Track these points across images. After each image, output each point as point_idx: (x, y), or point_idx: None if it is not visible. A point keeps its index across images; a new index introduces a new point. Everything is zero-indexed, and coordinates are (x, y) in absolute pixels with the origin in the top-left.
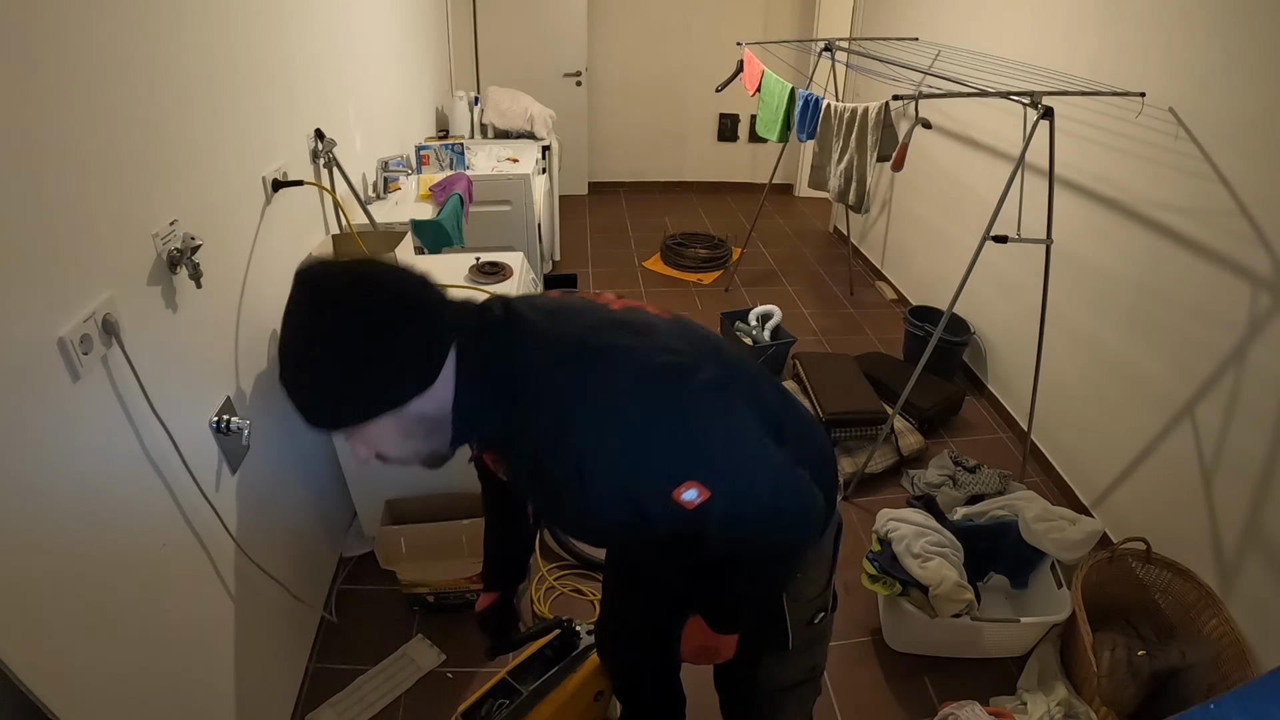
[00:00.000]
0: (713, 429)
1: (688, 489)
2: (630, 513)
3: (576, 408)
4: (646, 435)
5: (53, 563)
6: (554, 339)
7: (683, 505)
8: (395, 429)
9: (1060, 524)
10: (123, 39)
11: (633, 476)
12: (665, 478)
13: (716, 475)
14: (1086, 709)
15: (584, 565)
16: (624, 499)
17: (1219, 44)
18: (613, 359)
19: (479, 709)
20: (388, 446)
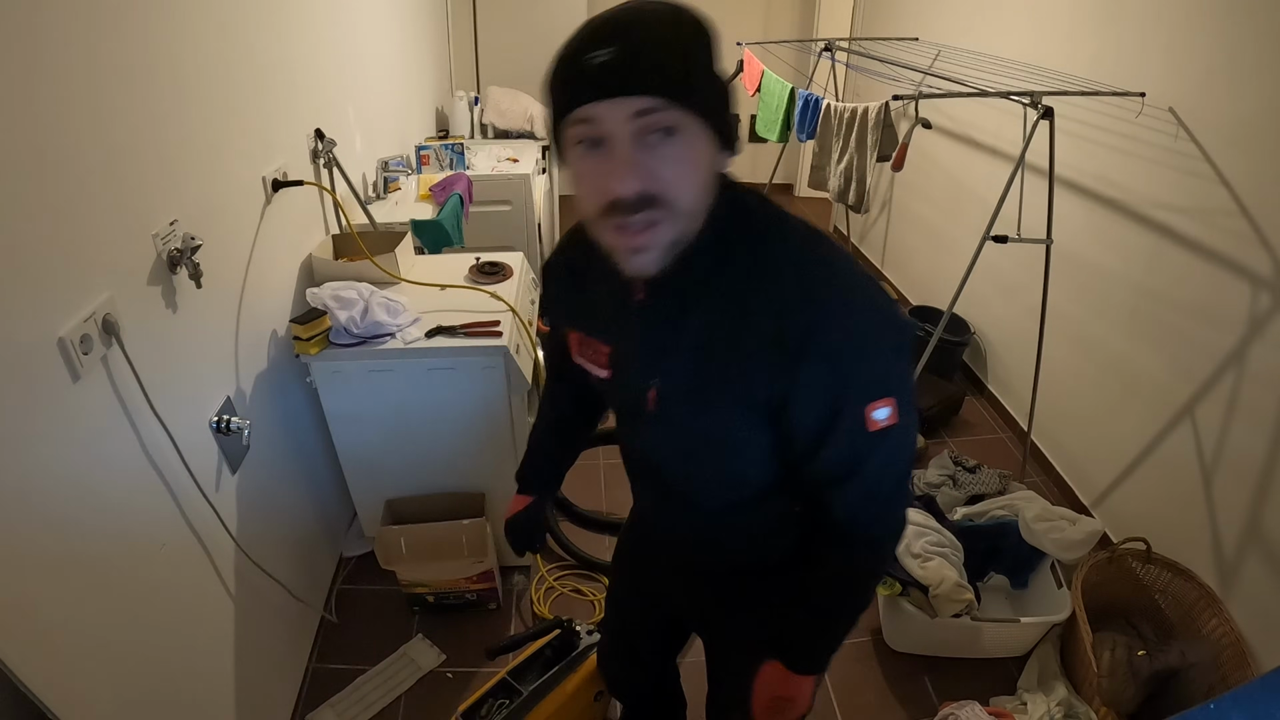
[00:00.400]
0: (911, 373)
1: (883, 406)
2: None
3: (823, 284)
4: (878, 337)
5: (52, 563)
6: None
7: (868, 423)
8: (705, 160)
9: (1060, 524)
10: (123, 39)
11: (841, 369)
12: (874, 384)
13: (906, 406)
14: (1086, 709)
15: (584, 565)
16: (812, 393)
17: (1219, 44)
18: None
19: (479, 709)
20: (684, 174)
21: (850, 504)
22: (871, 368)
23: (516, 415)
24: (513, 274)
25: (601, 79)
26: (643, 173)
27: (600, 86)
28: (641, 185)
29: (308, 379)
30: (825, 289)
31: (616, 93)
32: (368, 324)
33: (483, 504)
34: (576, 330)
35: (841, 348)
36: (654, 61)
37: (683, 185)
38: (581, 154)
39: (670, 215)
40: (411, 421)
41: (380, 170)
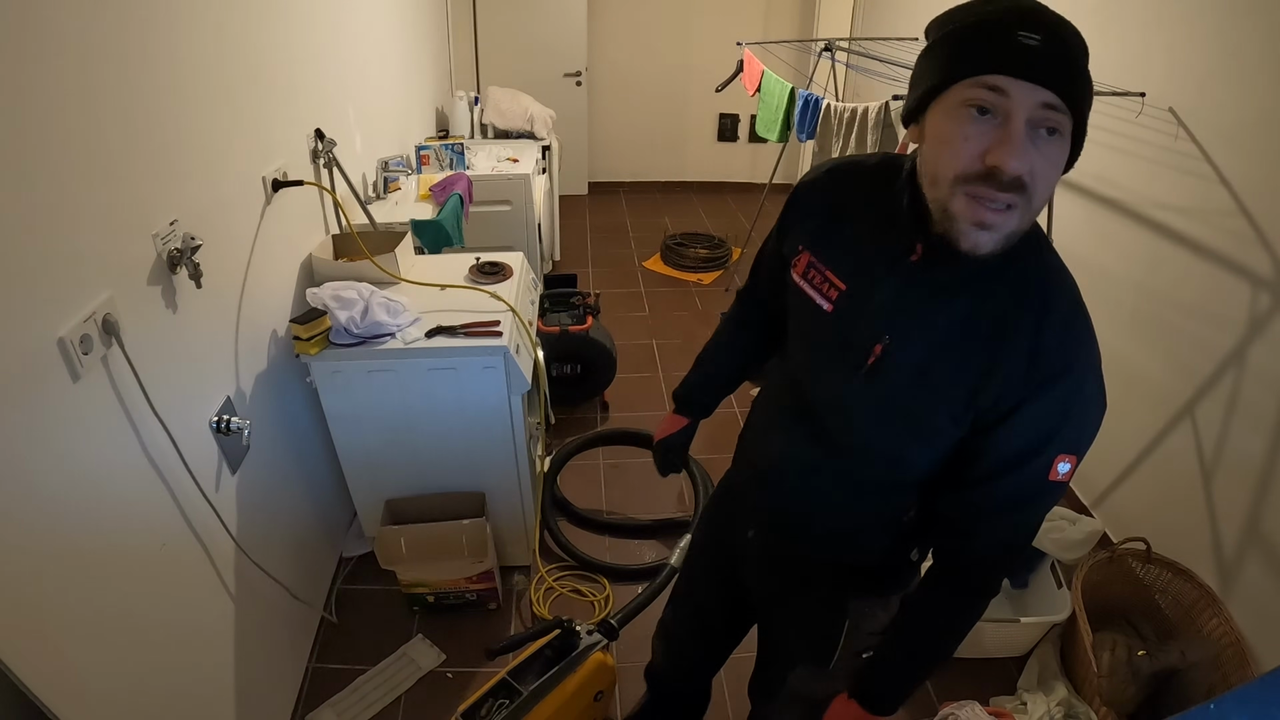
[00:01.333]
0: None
1: (1069, 462)
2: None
3: (1084, 335)
4: (1097, 404)
5: (52, 562)
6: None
7: (1049, 473)
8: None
9: (1060, 524)
10: (122, 39)
11: (1065, 415)
12: (1076, 439)
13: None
14: (1086, 709)
15: (583, 566)
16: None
17: (1219, 44)
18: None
19: (479, 709)
20: (1050, 174)
21: (999, 543)
22: (1083, 426)
23: (516, 415)
24: (513, 274)
25: (1030, 60)
26: (1028, 158)
27: (1027, 66)
28: (1026, 168)
29: (308, 379)
30: (1085, 342)
31: (1037, 79)
32: (368, 324)
33: (483, 504)
34: (813, 254)
35: (1077, 397)
36: (1073, 66)
37: (1046, 182)
38: (971, 116)
39: (1026, 206)
40: (411, 421)
41: (380, 170)
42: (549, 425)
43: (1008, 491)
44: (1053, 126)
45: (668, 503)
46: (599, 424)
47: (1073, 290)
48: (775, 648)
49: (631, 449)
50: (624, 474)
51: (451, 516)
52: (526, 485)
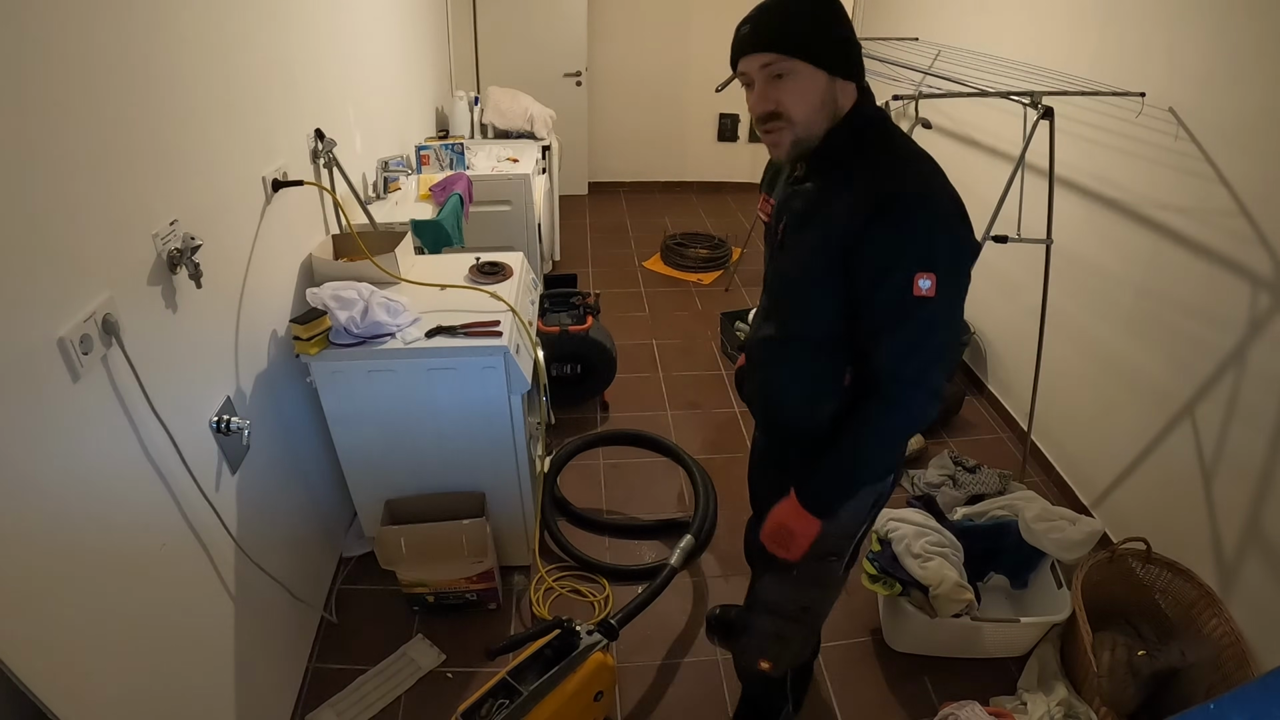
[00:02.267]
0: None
1: (926, 278)
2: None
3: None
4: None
5: (52, 562)
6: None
7: (912, 289)
8: (815, 90)
9: (1060, 524)
10: (122, 39)
11: (909, 236)
12: (925, 257)
13: (948, 290)
14: (1086, 709)
15: (583, 567)
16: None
17: (1219, 44)
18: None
19: (479, 709)
20: (795, 101)
21: (893, 354)
22: (928, 244)
23: (516, 415)
24: (513, 274)
25: (743, 43)
26: (769, 100)
27: (743, 46)
28: (766, 107)
29: (308, 379)
30: (912, 182)
31: (751, 51)
32: (368, 324)
33: (483, 504)
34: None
35: (905, 222)
36: (771, 30)
37: (795, 107)
38: (746, 90)
39: (789, 125)
40: (411, 421)
41: (380, 170)
42: (549, 425)
43: (884, 309)
44: (778, 72)
45: (668, 503)
46: (599, 424)
47: (903, 158)
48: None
49: (632, 449)
50: (624, 474)
51: (451, 516)
52: (526, 485)
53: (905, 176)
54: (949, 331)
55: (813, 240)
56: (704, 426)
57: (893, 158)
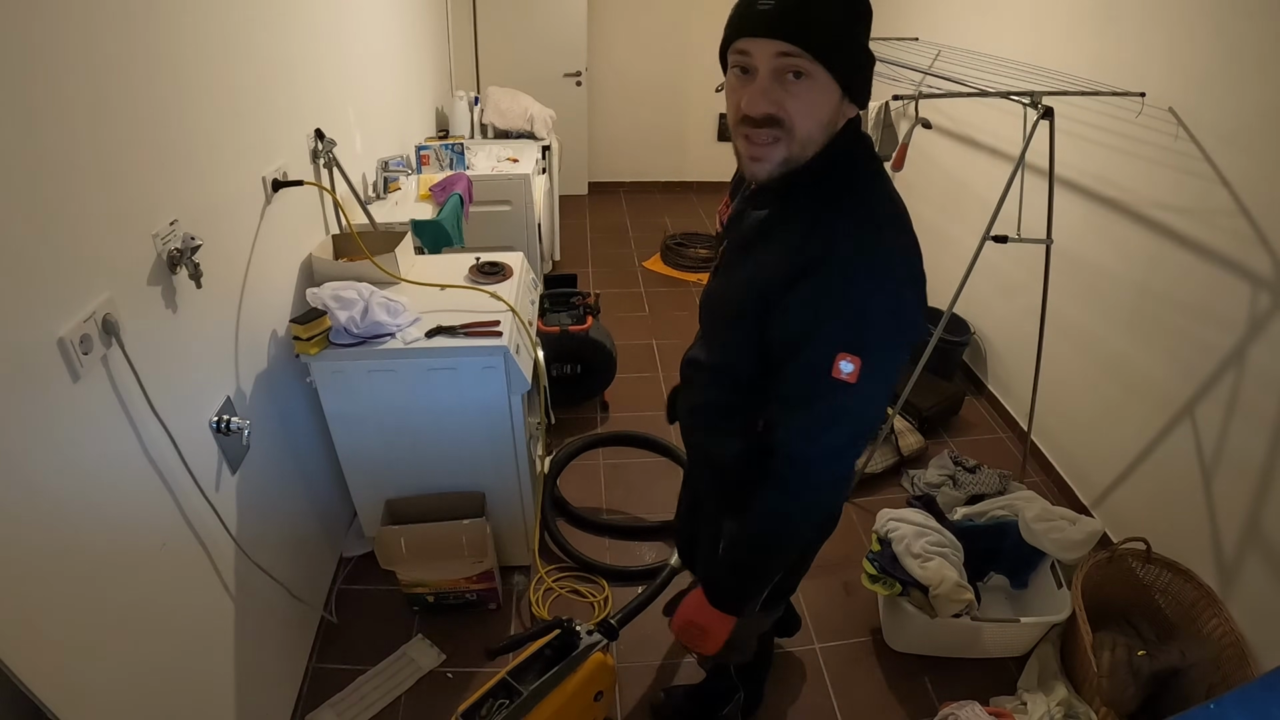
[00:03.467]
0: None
1: (849, 360)
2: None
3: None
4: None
5: (52, 562)
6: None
7: (831, 369)
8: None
9: (1060, 524)
10: (123, 39)
11: (838, 308)
12: (853, 336)
13: (874, 377)
14: (1086, 709)
15: (582, 567)
16: (804, 316)
17: (1219, 44)
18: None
19: (479, 709)
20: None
21: (797, 433)
22: (860, 327)
23: (516, 415)
24: (513, 274)
25: (759, 22)
26: (772, 100)
27: (760, 26)
28: (769, 109)
29: (308, 379)
30: (855, 240)
31: (767, 35)
32: (368, 324)
33: (483, 504)
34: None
35: (836, 290)
36: (803, 18)
37: (802, 117)
38: (735, 76)
39: (788, 138)
40: (411, 421)
41: (380, 170)
42: (549, 425)
43: (796, 381)
44: (797, 70)
45: (668, 503)
46: (599, 424)
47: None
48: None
49: (632, 449)
50: (624, 474)
51: (451, 516)
52: (526, 485)
53: (855, 230)
54: (864, 423)
55: (745, 274)
56: None
57: (853, 203)
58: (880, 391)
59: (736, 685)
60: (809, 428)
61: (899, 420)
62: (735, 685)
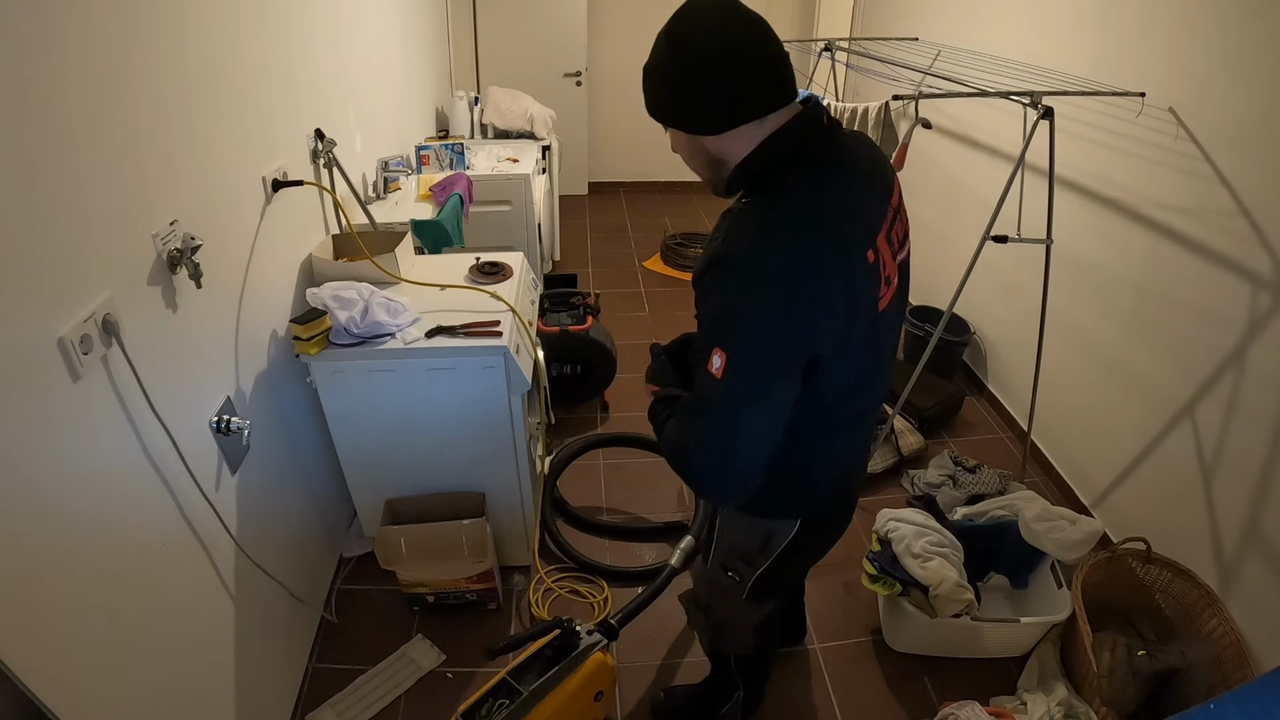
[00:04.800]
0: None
1: (716, 356)
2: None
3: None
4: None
5: (52, 562)
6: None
7: (708, 359)
8: (683, 146)
9: (1060, 524)
10: (123, 39)
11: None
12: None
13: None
14: (1086, 709)
15: (581, 568)
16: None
17: (1219, 44)
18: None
19: (479, 709)
20: (680, 152)
21: (683, 409)
22: (724, 317)
23: (516, 415)
24: (513, 274)
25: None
26: (674, 149)
27: None
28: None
29: (308, 379)
30: (745, 241)
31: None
32: (368, 324)
33: (483, 504)
34: None
35: (716, 287)
36: (645, 95)
37: (687, 161)
38: None
39: (697, 172)
40: (411, 421)
41: (380, 170)
42: (549, 425)
43: (694, 369)
44: (664, 126)
45: (668, 503)
46: (599, 424)
47: (766, 214)
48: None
49: (632, 449)
50: (624, 474)
51: (451, 516)
52: (526, 485)
53: (746, 234)
54: (731, 419)
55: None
56: None
57: (751, 210)
58: (746, 387)
59: (736, 682)
60: (684, 416)
61: (899, 420)
62: (735, 681)
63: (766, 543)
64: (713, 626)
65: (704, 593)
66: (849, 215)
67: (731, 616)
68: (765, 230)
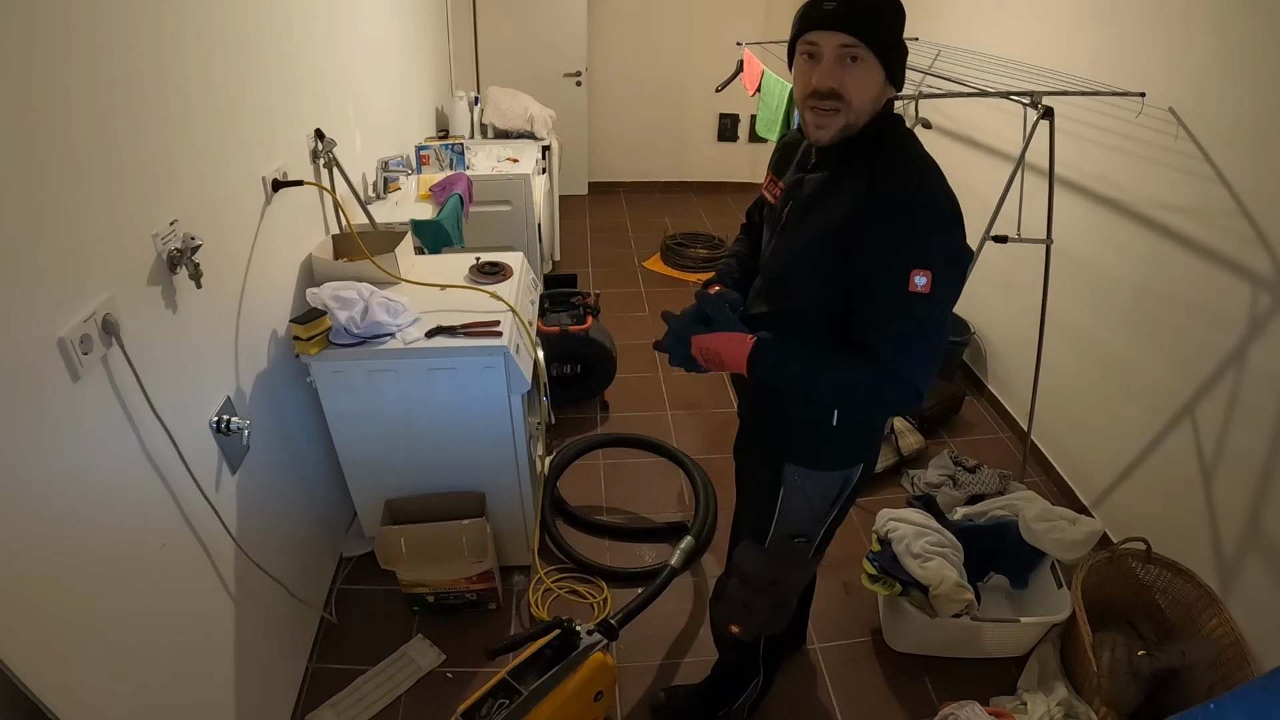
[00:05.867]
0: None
1: (922, 275)
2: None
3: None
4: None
5: (52, 562)
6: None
7: (908, 284)
8: (877, 83)
9: (1060, 524)
10: (123, 39)
11: (907, 233)
12: (922, 254)
13: (943, 288)
14: (1086, 709)
15: (581, 568)
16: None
17: (1219, 44)
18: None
19: (479, 709)
20: (860, 87)
21: (889, 345)
22: (920, 242)
23: (516, 415)
24: (513, 274)
25: (825, 18)
26: (835, 78)
27: (825, 20)
28: (831, 84)
29: (308, 379)
30: (914, 181)
31: (833, 28)
32: (368, 324)
33: (483, 504)
34: (774, 174)
35: (903, 218)
36: (859, 16)
37: (858, 92)
38: (804, 61)
39: (846, 109)
40: (411, 421)
41: (380, 170)
42: (549, 425)
43: (880, 302)
44: (854, 55)
45: (668, 503)
46: (599, 424)
47: (911, 166)
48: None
49: (632, 450)
50: (624, 474)
51: (451, 516)
52: (526, 485)
53: (908, 175)
54: (940, 332)
55: (815, 227)
56: (703, 426)
57: (901, 155)
58: (948, 300)
59: (759, 669)
60: (898, 337)
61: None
62: (758, 668)
63: (840, 493)
64: (773, 605)
65: (766, 573)
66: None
67: (796, 583)
68: (927, 171)
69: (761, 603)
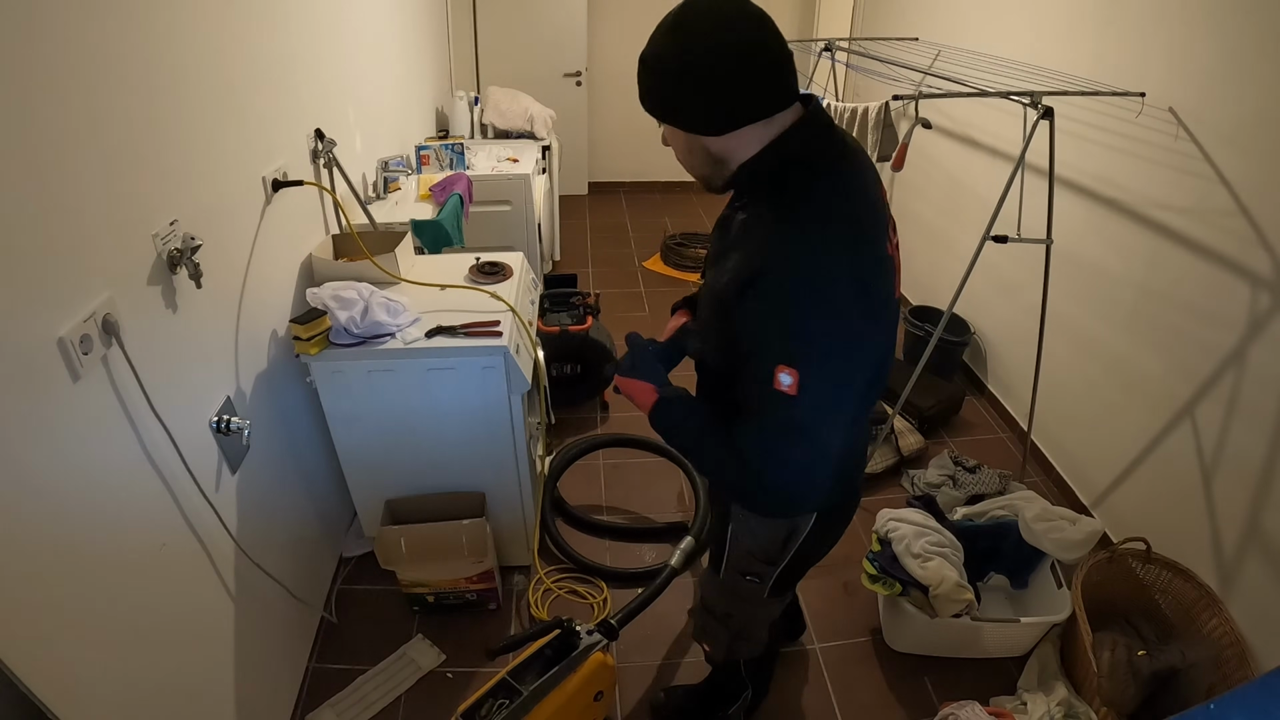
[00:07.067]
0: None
1: (789, 373)
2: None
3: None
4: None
5: (52, 563)
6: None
7: (772, 381)
8: (680, 145)
9: (1060, 524)
10: (122, 39)
11: (771, 321)
12: (786, 348)
13: (816, 388)
14: (1086, 709)
15: (581, 568)
16: (748, 328)
17: (1219, 44)
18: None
19: (479, 709)
20: (676, 150)
21: (747, 442)
22: (785, 333)
23: (516, 415)
24: (513, 274)
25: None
26: (667, 144)
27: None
28: (670, 144)
29: (308, 379)
30: (783, 252)
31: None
32: (368, 324)
33: (483, 504)
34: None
35: (767, 303)
36: (640, 89)
37: (681, 158)
38: None
39: (691, 170)
40: (411, 421)
41: (380, 170)
42: (549, 425)
43: (747, 390)
44: (663, 127)
45: (668, 503)
46: (599, 424)
47: (792, 211)
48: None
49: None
50: (624, 474)
51: (451, 516)
52: (526, 485)
53: (789, 241)
54: (814, 439)
55: (723, 275)
56: None
57: (789, 210)
58: (826, 399)
59: (746, 683)
60: (759, 439)
61: (899, 420)
62: (744, 683)
63: (788, 540)
64: (732, 635)
65: (721, 603)
66: (872, 211)
67: (753, 618)
68: (810, 241)
69: (719, 630)
